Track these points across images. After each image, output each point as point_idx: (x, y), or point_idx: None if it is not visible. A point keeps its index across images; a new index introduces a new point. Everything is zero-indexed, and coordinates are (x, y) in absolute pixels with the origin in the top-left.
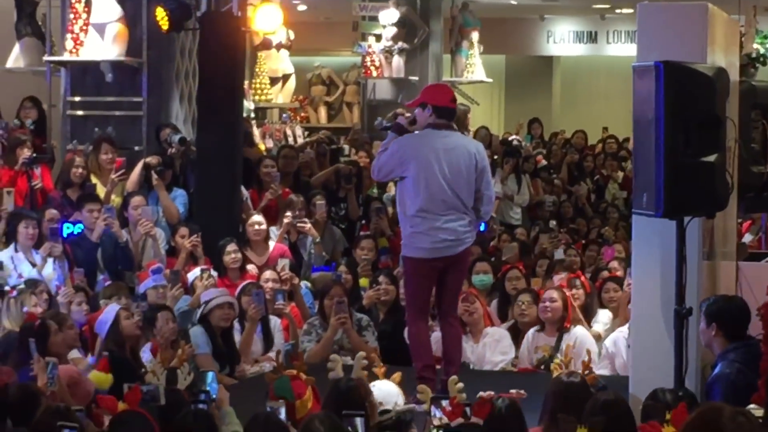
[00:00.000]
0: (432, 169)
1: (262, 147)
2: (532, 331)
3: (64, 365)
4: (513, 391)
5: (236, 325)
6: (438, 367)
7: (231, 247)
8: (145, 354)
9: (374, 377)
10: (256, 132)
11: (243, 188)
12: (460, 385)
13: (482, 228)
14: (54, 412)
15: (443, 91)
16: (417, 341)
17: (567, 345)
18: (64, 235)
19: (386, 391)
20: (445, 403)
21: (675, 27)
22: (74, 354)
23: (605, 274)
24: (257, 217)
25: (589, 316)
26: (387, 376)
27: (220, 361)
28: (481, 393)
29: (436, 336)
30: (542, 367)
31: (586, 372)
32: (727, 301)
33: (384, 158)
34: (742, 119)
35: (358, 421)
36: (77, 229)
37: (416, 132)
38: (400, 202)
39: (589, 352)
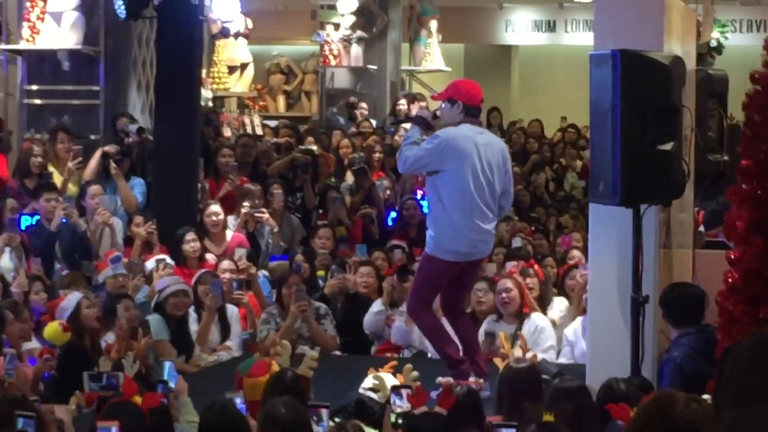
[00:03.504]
0: (476, 165)
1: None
2: (489, 319)
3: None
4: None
5: (193, 314)
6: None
7: (190, 236)
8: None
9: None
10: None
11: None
12: (415, 373)
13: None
14: (11, 402)
15: (475, 89)
16: (438, 331)
17: (519, 334)
18: (23, 227)
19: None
20: (405, 391)
21: (632, 16)
22: (32, 344)
23: (550, 260)
24: (215, 207)
25: (544, 305)
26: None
27: (176, 348)
28: (439, 378)
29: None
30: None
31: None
32: (671, 288)
33: (420, 151)
34: (699, 108)
35: (324, 413)
36: (34, 220)
37: (455, 127)
38: (435, 197)
39: (522, 336)
